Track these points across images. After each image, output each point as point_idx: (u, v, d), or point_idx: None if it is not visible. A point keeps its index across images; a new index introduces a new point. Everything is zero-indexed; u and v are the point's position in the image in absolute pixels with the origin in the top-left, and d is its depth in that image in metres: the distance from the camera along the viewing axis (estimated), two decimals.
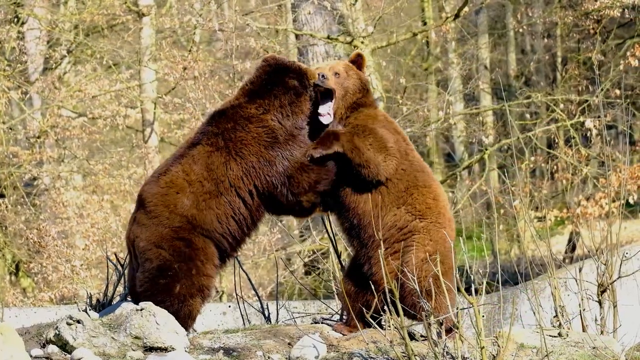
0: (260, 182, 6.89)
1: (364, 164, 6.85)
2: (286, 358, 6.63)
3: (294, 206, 7.00)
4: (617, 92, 19.29)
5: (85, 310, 6.99)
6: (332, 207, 7.17)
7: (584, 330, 7.26)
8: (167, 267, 6.75)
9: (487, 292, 10.38)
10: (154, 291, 6.77)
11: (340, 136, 6.91)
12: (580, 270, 7.47)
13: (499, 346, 6.24)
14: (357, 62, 7.23)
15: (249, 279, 8.87)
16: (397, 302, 6.28)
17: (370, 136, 6.90)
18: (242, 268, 8.53)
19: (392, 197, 6.93)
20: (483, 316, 7.26)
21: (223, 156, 6.88)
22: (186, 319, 6.79)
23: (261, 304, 8.66)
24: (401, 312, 6.30)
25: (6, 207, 19.35)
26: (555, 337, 6.79)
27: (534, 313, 7.01)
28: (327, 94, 7.02)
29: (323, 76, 7.01)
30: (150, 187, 6.93)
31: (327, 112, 7.00)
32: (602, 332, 7.28)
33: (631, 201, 17.69)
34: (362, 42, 17.61)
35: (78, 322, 6.56)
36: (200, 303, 6.87)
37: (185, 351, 6.57)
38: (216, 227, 6.85)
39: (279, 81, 7.01)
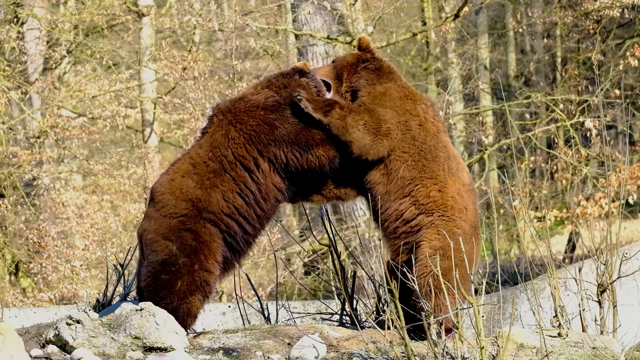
0: (264, 148, 6.89)
1: (348, 142, 6.86)
2: (286, 358, 6.63)
3: (314, 166, 6.94)
4: (617, 92, 19.30)
5: (85, 311, 6.99)
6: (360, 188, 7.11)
7: (583, 330, 7.25)
8: (171, 261, 6.77)
9: (487, 292, 10.38)
10: (156, 287, 6.78)
11: (332, 112, 6.88)
12: (580, 270, 7.47)
13: (498, 346, 6.24)
14: (358, 44, 7.30)
15: (249, 279, 8.87)
16: (397, 301, 6.26)
17: (367, 114, 6.89)
18: (241, 268, 8.52)
19: (396, 185, 6.86)
20: (483, 316, 7.26)
21: (223, 128, 6.95)
22: (185, 317, 6.78)
23: (261, 304, 8.66)
24: (400, 312, 6.29)
25: (6, 207, 19.35)
26: (555, 337, 6.79)
27: (533, 313, 7.01)
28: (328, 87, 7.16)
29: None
30: (159, 178, 7.07)
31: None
32: (601, 332, 7.28)
33: (631, 201, 17.71)
34: None
35: (78, 322, 6.56)
36: (201, 301, 6.86)
37: (185, 351, 6.57)
38: (222, 206, 6.84)
39: (281, 73, 7.22)
